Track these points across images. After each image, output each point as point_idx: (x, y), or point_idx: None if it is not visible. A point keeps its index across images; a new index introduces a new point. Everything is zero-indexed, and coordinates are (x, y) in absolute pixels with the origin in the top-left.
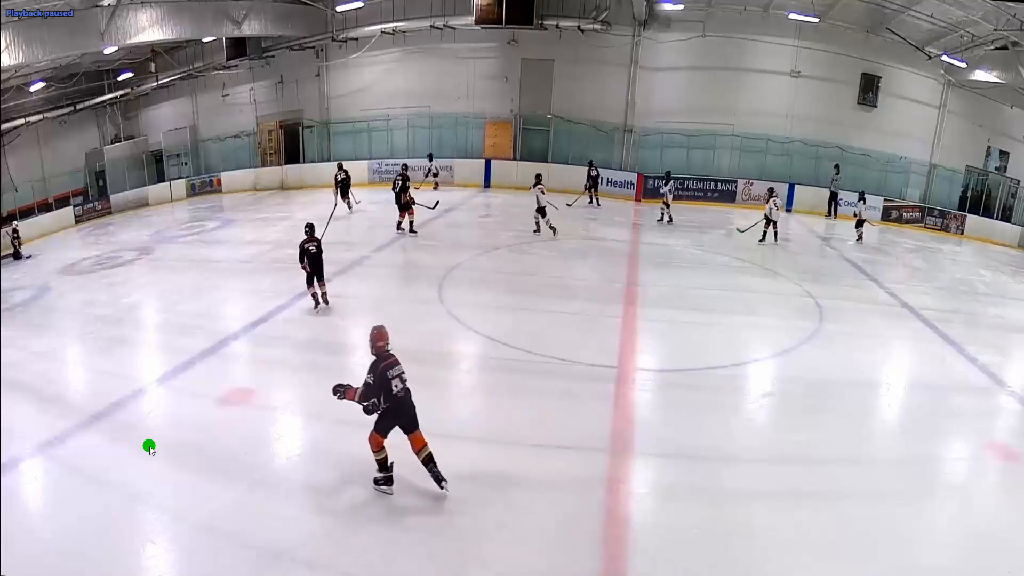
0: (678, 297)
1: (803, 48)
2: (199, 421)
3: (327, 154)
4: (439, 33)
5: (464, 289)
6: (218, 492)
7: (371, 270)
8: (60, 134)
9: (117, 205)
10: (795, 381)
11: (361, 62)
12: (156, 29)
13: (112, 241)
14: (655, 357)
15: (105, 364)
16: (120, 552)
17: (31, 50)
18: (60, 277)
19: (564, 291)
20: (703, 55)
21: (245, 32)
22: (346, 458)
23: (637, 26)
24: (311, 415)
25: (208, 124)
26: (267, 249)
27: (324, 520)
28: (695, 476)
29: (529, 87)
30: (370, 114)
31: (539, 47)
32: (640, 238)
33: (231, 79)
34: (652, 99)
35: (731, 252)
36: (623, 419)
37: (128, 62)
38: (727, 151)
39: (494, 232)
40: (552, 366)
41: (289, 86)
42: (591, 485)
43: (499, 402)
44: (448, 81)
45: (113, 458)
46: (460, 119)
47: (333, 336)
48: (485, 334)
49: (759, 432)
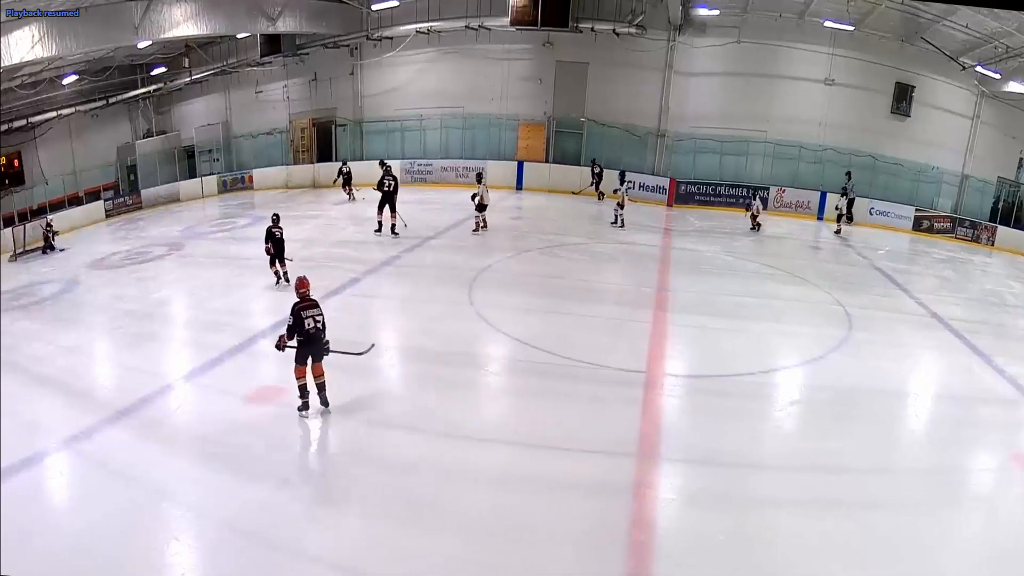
0: (708, 303)
1: (837, 56)
2: (226, 419)
3: (360, 153)
4: (474, 34)
5: (494, 291)
6: (243, 491)
7: (402, 270)
8: (92, 128)
9: (148, 200)
10: (823, 389)
11: (395, 61)
12: (190, 24)
13: (142, 236)
14: (684, 363)
15: (133, 359)
16: (144, 549)
17: (64, 43)
18: (90, 271)
19: (594, 295)
20: (738, 61)
21: (280, 29)
22: (374, 459)
23: (672, 31)
24: (340, 415)
25: (241, 120)
26: (297, 247)
27: (349, 522)
28: (721, 482)
29: (563, 90)
30: (403, 114)
31: (574, 50)
32: (671, 243)
33: (264, 76)
34: (686, 104)
35: (761, 259)
36: (650, 424)
37: (162, 57)
38: (760, 158)
39: (525, 234)
40: (580, 370)
41: (323, 84)
42: (618, 489)
43: (527, 405)
44: (482, 82)
45: (139, 454)
46: (493, 120)
47: (363, 336)
48: (514, 336)
49: (786, 439)
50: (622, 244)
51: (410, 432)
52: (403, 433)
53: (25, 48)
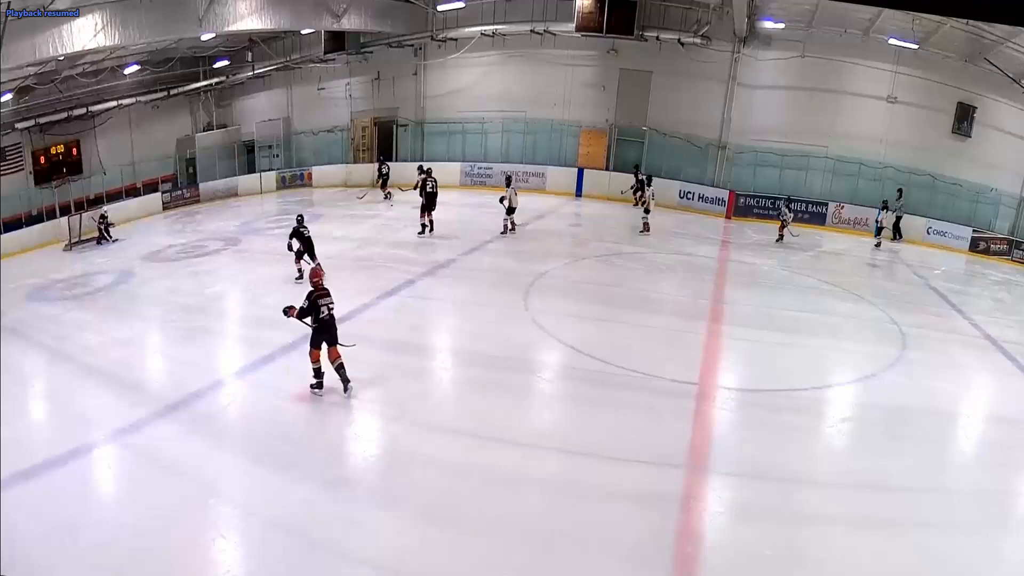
0: (763, 317)
1: (901, 74)
2: (277, 416)
3: (420, 154)
4: (539, 38)
5: (550, 297)
6: (291, 488)
7: (458, 273)
8: (152, 119)
9: (206, 194)
10: (875, 407)
11: (459, 63)
12: (255, 18)
13: (199, 230)
14: (737, 376)
15: (185, 353)
16: (189, 545)
17: (127, 32)
18: (144, 263)
19: (650, 304)
20: (801, 75)
21: (344, 26)
22: (422, 462)
23: (737, 42)
24: (389, 416)
25: (302, 117)
26: (353, 247)
27: (395, 523)
28: (771, 497)
29: (626, 97)
30: (465, 116)
31: (638, 58)
32: (728, 255)
33: (327, 73)
34: (748, 117)
35: (818, 274)
36: (701, 436)
37: (225, 50)
38: (820, 173)
39: (584, 242)
40: (633, 379)
41: (385, 83)
42: (666, 501)
43: (578, 412)
44: (545, 87)
45: (188, 449)
46: (555, 126)
47: (416, 338)
48: (568, 343)
49: (837, 456)
50: (679, 255)
51: (459, 436)
52: (452, 436)
53: (87, 36)
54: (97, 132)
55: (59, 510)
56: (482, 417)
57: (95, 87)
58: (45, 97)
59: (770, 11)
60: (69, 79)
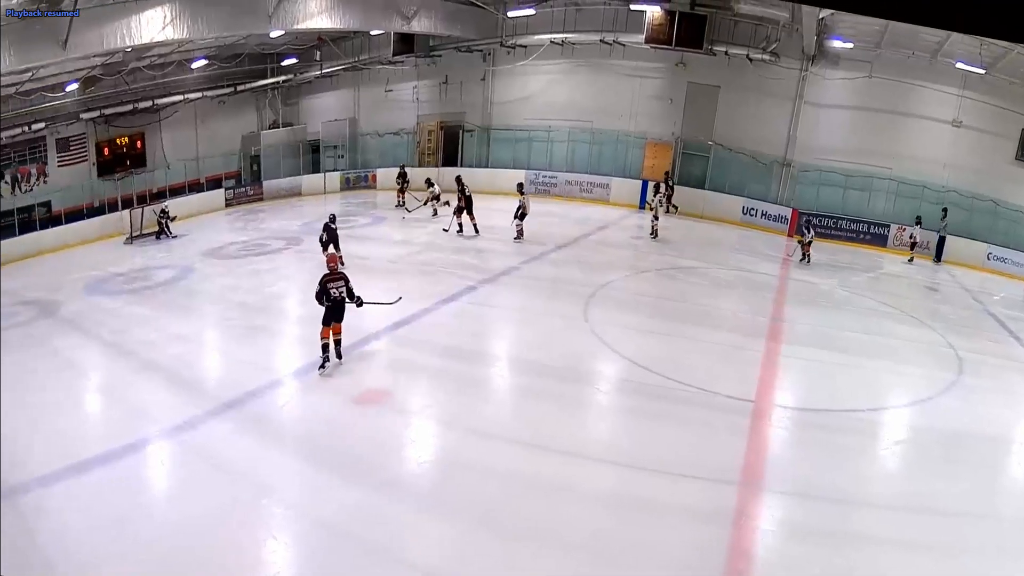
0: (821, 336)
1: (966, 98)
2: (332, 418)
3: (485, 160)
4: (607, 48)
5: (610, 309)
6: (344, 491)
7: (519, 281)
8: (218, 114)
9: (269, 192)
10: (930, 431)
11: (527, 70)
12: (325, 17)
13: (261, 228)
14: (793, 395)
15: (243, 352)
16: (241, 545)
17: (196, 26)
18: (205, 260)
19: (709, 320)
20: (867, 96)
21: (414, 28)
22: (476, 469)
23: (805, 60)
24: (445, 423)
25: (368, 118)
26: (415, 251)
27: (447, 530)
28: (823, 517)
29: (693, 111)
30: (531, 124)
31: (706, 72)
32: (789, 274)
33: (395, 75)
34: (813, 135)
35: (877, 296)
36: (756, 454)
37: (293, 48)
38: (883, 194)
39: (645, 254)
40: (690, 394)
41: (453, 87)
42: (719, 517)
43: (634, 426)
44: (612, 98)
45: (242, 448)
46: (621, 137)
47: (475, 344)
48: (626, 356)
49: (890, 479)
50: (740, 271)
51: (514, 444)
52: (507, 445)
53: (156, 28)
54: (162, 126)
55: (110, 505)
56: (537, 427)
57: (162, 80)
58: (111, 88)
59: (839, 30)
60: (136, 71)
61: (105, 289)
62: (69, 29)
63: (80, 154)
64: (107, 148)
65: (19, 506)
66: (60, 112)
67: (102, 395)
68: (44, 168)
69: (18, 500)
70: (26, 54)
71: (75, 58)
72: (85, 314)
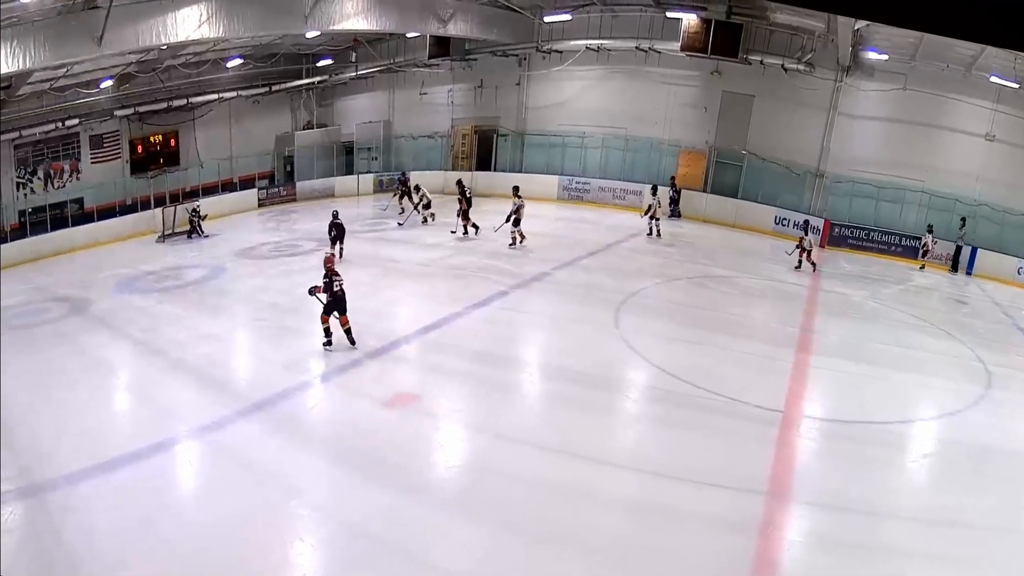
0: (851, 348)
1: (1000, 112)
2: (361, 421)
3: (519, 165)
4: (643, 55)
5: (641, 317)
6: (372, 494)
7: (551, 287)
8: (252, 114)
9: (302, 193)
10: (958, 444)
11: (562, 75)
12: (361, 18)
13: (293, 229)
14: (822, 406)
15: (273, 353)
16: (268, 546)
17: (232, 25)
18: (237, 259)
19: (739, 329)
20: (901, 108)
21: (450, 32)
22: (504, 474)
23: (840, 71)
24: (474, 427)
25: (402, 121)
26: (447, 255)
27: (474, 535)
28: (849, 529)
29: (727, 120)
30: (565, 129)
31: (741, 81)
32: (820, 284)
33: (430, 78)
34: (847, 146)
35: (907, 308)
36: (783, 464)
37: (329, 49)
38: (915, 207)
39: (677, 263)
40: (719, 403)
41: (488, 91)
42: (745, 527)
43: (662, 434)
44: (647, 105)
45: (271, 450)
46: (655, 144)
47: (505, 349)
48: (656, 364)
49: (917, 491)
50: (771, 281)
51: (542, 450)
52: (535, 451)
53: (192, 26)
54: (196, 124)
55: (136, 504)
56: (566, 433)
57: (196, 79)
58: (146, 86)
59: (874, 42)
60: (171, 69)
61: (136, 287)
62: (105, 25)
63: (113, 151)
64: (140, 146)
65: (46, 503)
66: (94, 109)
67: (131, 393)
68: (77, 165)
69: (46, 497)
70: (61, 49)
71: (110, 54)
72: (115, 312)
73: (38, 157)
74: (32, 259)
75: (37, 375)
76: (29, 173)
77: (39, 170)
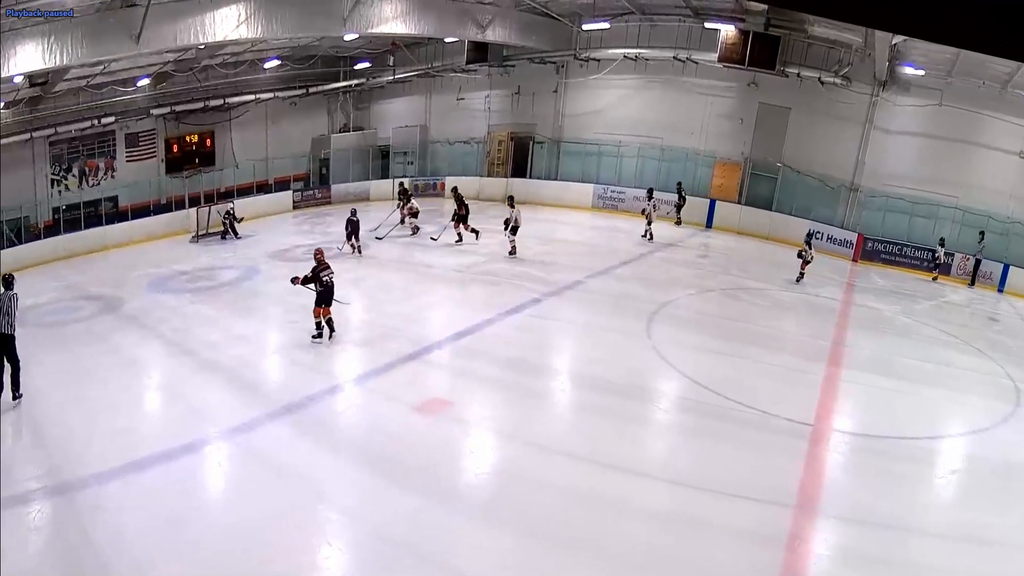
0: (882, 363)
1: None
2: (392, 426)
3: (554, 172)
4: (680, 65)
5: (672, 327)
6: (401, 499)
7: (584, 296)
8: (288, 116)
9: (337, 196)
10: (986, 461)
11: (599, 84)
12: (399, 22)
13: (327, 232)
14: (851, 420)
15: (304, 356)
16: (295, 550)
17: (271, 26)
18: (270, 261)
19: (771, 342)
20: (937, 124)
21: (488, 38)
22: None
23: (877, 85)
24: (505, 435)
25: (439, 126)
26: (481, 261)
27: (502, 542)
28: (876, 544)
29: (763, 132)
30: (601, 138)
31: (777, 93)
32: (852, 299)
33: (468, 83)
34: (882, 161)
35: (939, 324)
36: (812, 478)
37: (367, 52)
38: (948, 223)
39: (710, 274)
40: (749, 416)
41: (525, 98)
42: (772, 540)
43: (691, 444)
44: (683, 115)
45: (300, 453)
46: (690, 155)
47: (537, 357)
48: (687, 375)
49: (945, 508)
50: (803, 294)
51: (571, 459)
52: (564, 459)
53: (230, 26)
54: (232, 125)
55: (165, 504)
56: (595, 442)
57: (233, 79)
58: (183, 85)
59: (911, 57)
60: (208, 69)
61: (168, 287)
62: (143, 23)
63: (149, 150)
64: (176, 145)
65: (76, 502)
66: (130, 107)
67: (162, 393)
68: (112, 163)
69: (75, 496)
70: (99, 47)
71: (147, 53)
72: (147, 311)
73: (73, 154)
74: (65, 256)
75: (68, 373)
76: (64, 170)
77: (74, 167)
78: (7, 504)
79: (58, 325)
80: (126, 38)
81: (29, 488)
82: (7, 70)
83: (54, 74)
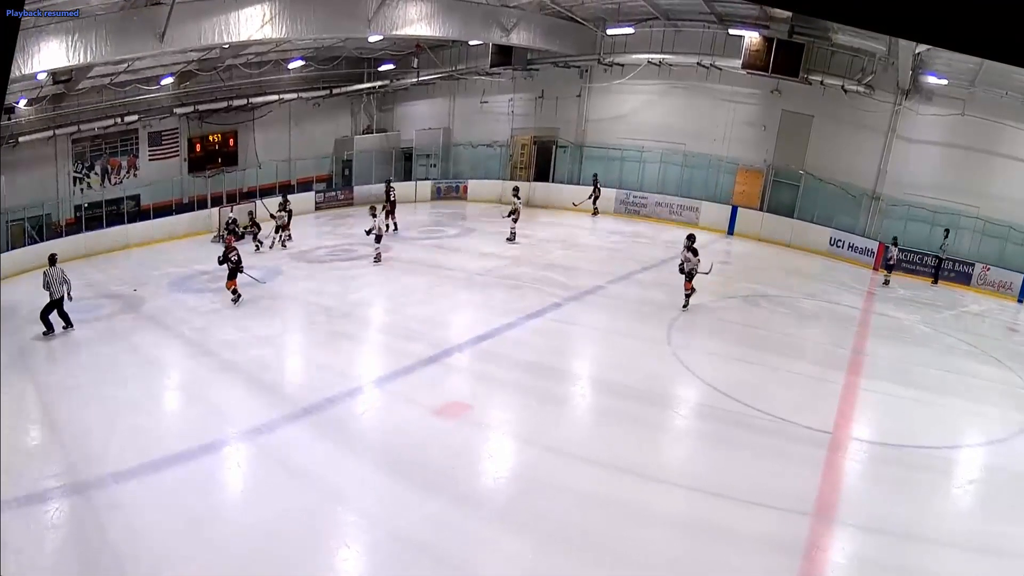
0: (901, 372)
1: None
2: (411, 429)
3: (577, 176)
4: (704, 72)
5: (692, 334)
6: (420, 503)
7: (604, 301)
8: (312, 116)
9: (359, 197)
10: (1003, 471)
11: (623, 89)
12: (424, 24)
13: (349, 234)
14: (870, 429)
15: (324, 357)
16: (313, 552)
17: (295, 26)
18: (292, 262)
19: (790, 350)
20: (959, 133)
21: (513, 41)
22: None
23: (899, 94)
24: (524, 439)
25: (462, 128)
26: (503, 264)
27: (520, 547)
28: (893, 552)
29: (785, 139)
30: (624, 143)
31: (800, 100)
32: (872, 307)
33: (491, 87)
34: (903, 170)
35: (958, 334)
36: (830, 486)
37: (391, 54)
38: (968, 233)
39: (732, 281)
40: (767, 423)
41: (548, 102)
42: (790, 548)
43: (710, 451)
44: (706, 121)
45: (319, 454)
46: (713, 161)
47: (558, 362)
48: (707, 381)
49: (961, 517)
50: (824, 302)
51: (591, 465)
52: (583, 465)
53: (255, 26)
54: (255, 125)
55: (182, 504)
56: (614, 447)
57: (257, 79)
58: (206, 84)
59: (935, 66)
60: (232, 68)
61: (189, 287)
62: (167, 22)
63: (172, 149)
64: (199, 144)
65: (93, 501)
66: (154, 105)
67: (181, 393)
68: (135, 161)
69: (93, 495)
70: (123, 45)
71: (172, 52)
72: (168, 310)
73: (96, 152)
74: (86, 255)
75: (88, 371)
76: (86, 168)
77: (96, 165)
78: (25, 502)
79: (79, 323)
80: (150, 37)
81: (47, 486)
82: (31, 67)
83: (78, 71)
